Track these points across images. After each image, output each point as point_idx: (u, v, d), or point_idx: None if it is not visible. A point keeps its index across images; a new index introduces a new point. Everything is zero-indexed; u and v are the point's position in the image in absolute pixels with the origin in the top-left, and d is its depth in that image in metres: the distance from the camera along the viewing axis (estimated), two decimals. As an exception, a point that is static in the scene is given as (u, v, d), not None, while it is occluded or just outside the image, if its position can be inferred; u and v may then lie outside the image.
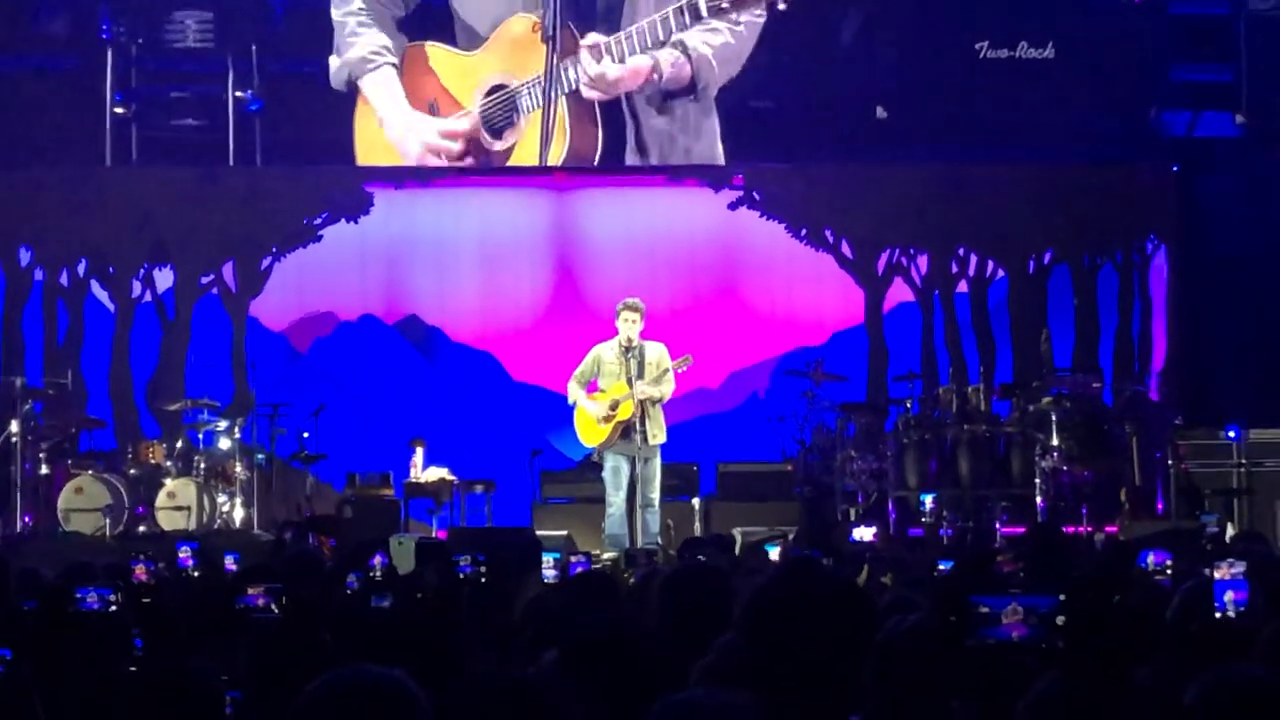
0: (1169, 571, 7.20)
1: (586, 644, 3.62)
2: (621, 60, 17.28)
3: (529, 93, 17.58)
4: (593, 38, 17.36)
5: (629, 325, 14.16)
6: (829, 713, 3.27)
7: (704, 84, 17.56)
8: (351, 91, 17.94)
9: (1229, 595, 5.18)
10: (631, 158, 17.90)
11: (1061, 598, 3.73)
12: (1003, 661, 3.66)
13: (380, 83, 17.86)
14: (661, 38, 17.19)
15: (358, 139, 18.06)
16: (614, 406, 14.12)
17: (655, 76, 17.42)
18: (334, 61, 17.90)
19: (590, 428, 14.39)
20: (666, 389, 14.23)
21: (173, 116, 18.63)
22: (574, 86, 17.49)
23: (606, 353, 14.33)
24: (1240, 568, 5.26)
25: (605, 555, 13.46)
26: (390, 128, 17.92)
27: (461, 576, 7.71)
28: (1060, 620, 3.68)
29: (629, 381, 14.03)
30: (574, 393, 14.46)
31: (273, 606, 6.08)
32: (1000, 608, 3.68)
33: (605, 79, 17.36)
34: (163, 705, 4.15)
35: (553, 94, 17.52)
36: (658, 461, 14.26)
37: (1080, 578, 6.17)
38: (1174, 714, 3.88)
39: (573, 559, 8.40)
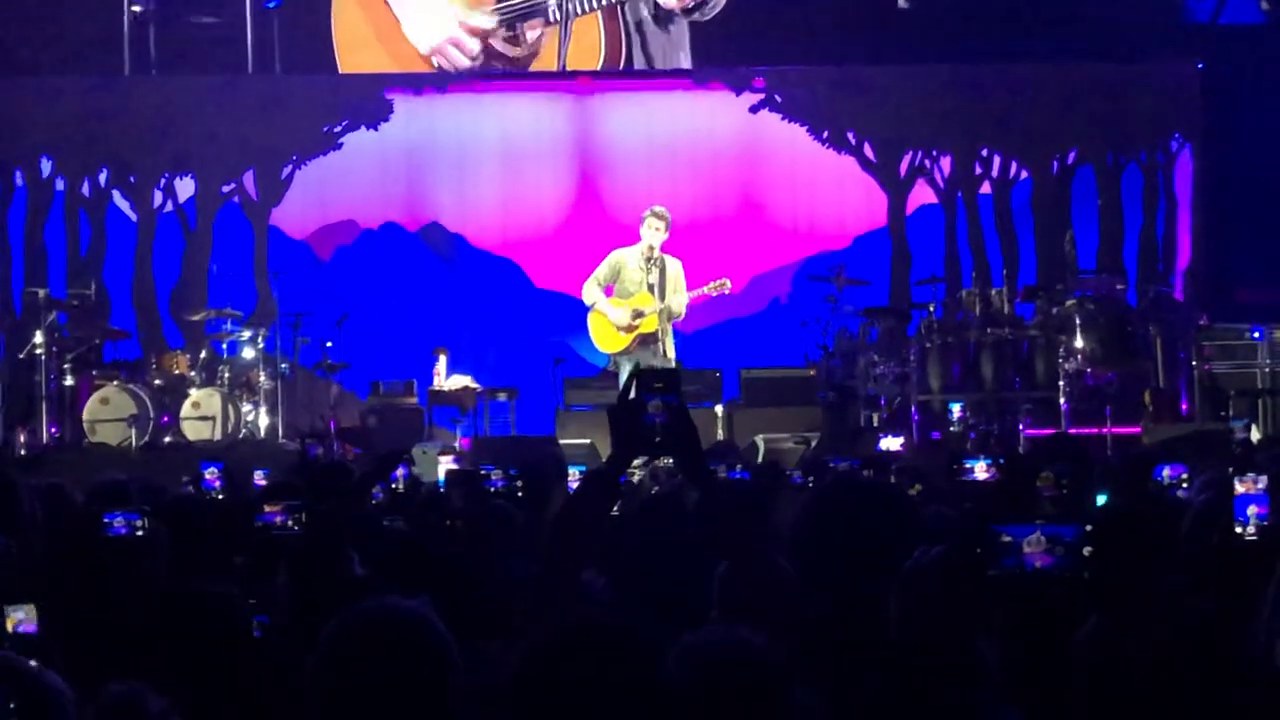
0: (1184, 485, 7.12)
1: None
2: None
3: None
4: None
5: (654, 234, 14.10)
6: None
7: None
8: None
9: (1251, 510, 5.09)
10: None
11: (1088, 528, 3.64)
12: (1024, 592, 3.60)
13: None
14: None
15: (337, 40, 17.99)
16: (638, 316, 14.08)
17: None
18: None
19: (608, 334, 14.34)
20: (683, 309, 14.31)
21: (189, 14, 18.46)
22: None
23: (629, 259, 14.27)
24: (1263, 482, 5.16)
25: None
26: (408, 19, 17.84)
27: (492, 491, 7.54)
28: (1087, 551, 3.59)
29: (654, 293, 14.00)
30: (592, 294, 14.39)
31: (290, 523, 6.05)
32: (1023, 536, 3.60)
33: None
34: (189, 630, 4.13)
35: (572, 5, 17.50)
36: (676, 373, 14.25)
37: (1102, 506, 6.09)
38: (1193, 631, 3.85)
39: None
